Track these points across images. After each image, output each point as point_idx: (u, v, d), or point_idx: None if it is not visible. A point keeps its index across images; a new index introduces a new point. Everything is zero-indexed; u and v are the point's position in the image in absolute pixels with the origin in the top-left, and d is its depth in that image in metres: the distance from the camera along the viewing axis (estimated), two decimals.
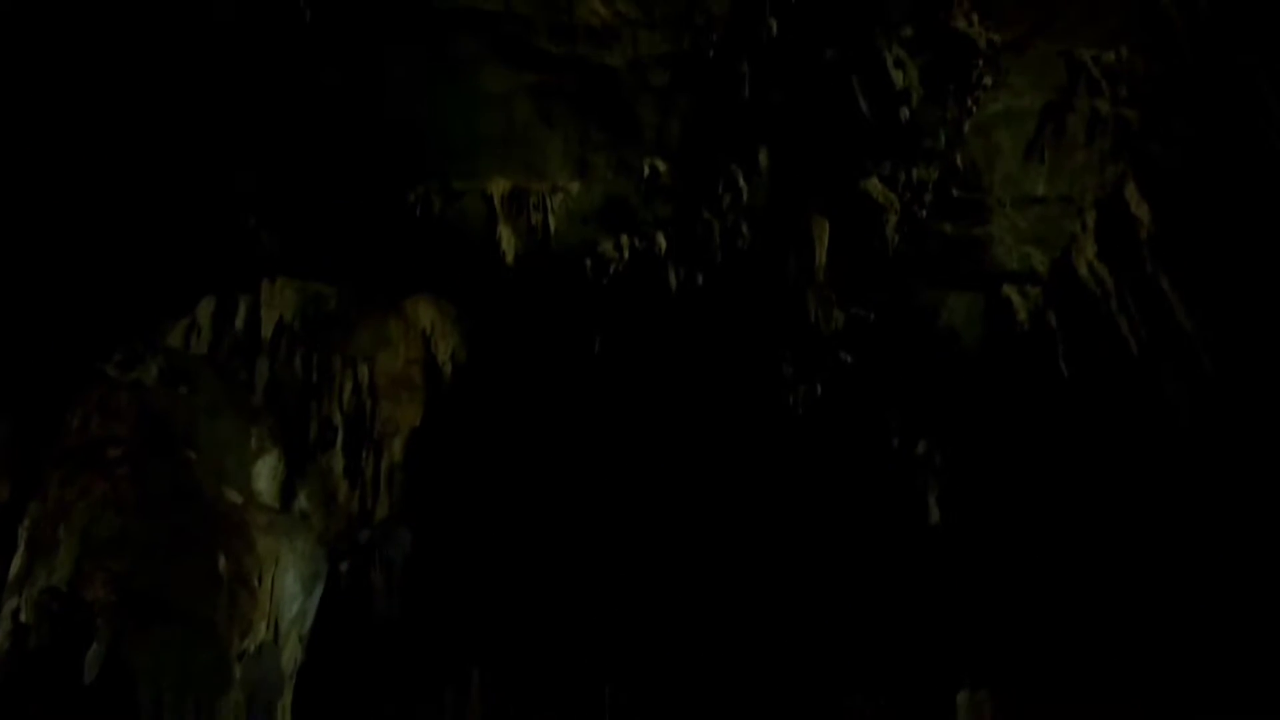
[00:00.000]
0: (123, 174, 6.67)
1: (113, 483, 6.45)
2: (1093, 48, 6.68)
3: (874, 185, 7.05)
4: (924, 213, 7.07)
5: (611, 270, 7.53)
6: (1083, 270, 7.00)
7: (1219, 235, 6.75)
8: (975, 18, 6.57)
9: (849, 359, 7.48)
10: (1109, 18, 6.57)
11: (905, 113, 6.72)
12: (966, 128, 6.80)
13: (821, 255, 7.21)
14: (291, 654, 7.04)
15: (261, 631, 6.80)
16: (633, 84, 6.84)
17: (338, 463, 7.18)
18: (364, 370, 7.30)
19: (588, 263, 7.55)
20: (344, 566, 7.40)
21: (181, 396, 6.80)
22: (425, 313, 7.63)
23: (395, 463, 7.28)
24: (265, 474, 6.97)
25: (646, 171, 7.18)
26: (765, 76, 6.82)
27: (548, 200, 7.18)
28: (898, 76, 6.63)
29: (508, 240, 7.33)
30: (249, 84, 6.47)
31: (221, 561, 6.61)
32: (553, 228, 7.32)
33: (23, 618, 6.14)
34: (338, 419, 7.22)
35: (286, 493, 7.05)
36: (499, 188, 7.18)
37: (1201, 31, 6.56)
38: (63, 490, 6.34)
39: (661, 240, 7.44)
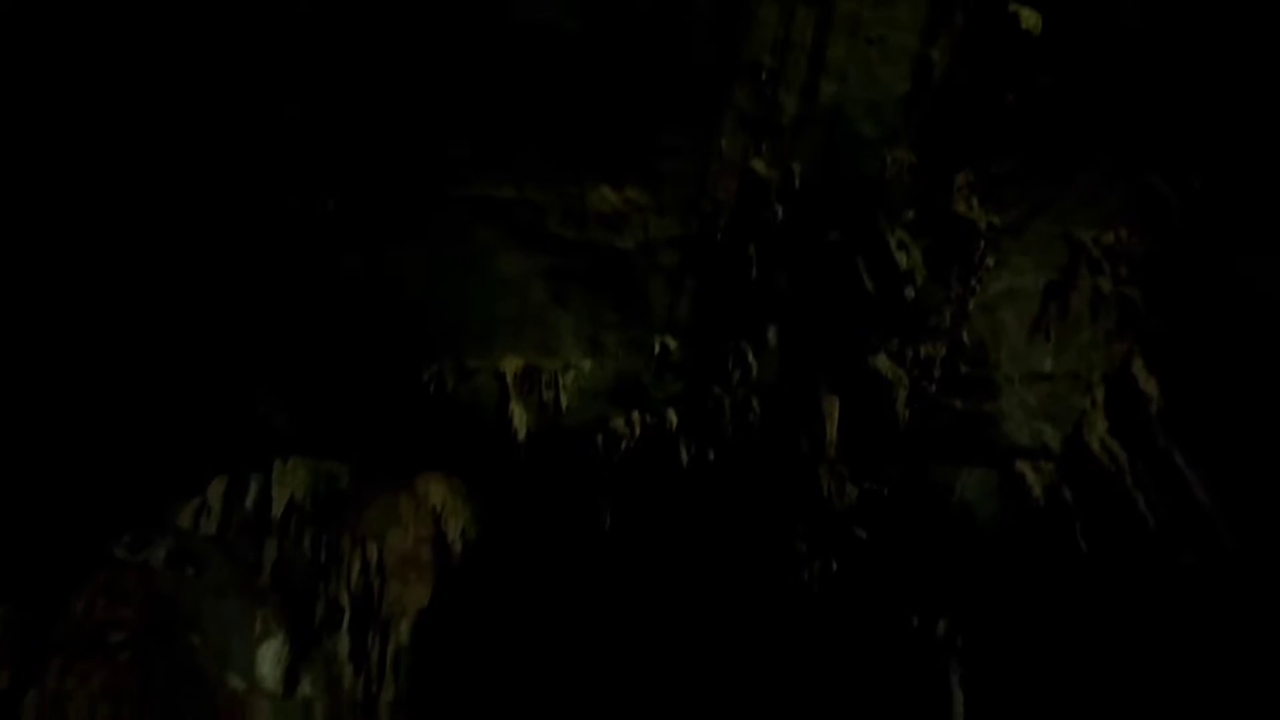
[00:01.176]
0: (141, 356, 6.82)
1: (113, 669, 6.31)
2: (1092, 229, 6.87)
3: (882, 361, 7.14)
4: (933, 388, 7.12)
5: (623, 446, 7.58)
6: (1095, 446, 6.98)
7: (1230, 408, 6.76)
8: (975, 201, 6.80)
9: (863, 535, 7.40)
10: (1106, 200, 6.78)
11: (910, 292, 6.87)
12: (971, 306, 6.94)
13: (832, 431, 7.24)
14: None
15: None
16: (643, 265, 7.07)
17: (343, 646, 7.03)
18: (373, 549, 7.23)
19: (599, 439, 7.61)
20: None
21: (189, 579, 6.73)
22: (436, 489, 7.62)
23: (402, 645, 7.13)
24: (269, 658, 6.81)
25: (657, 349, 7.32)
26: (772, 257, 7.03)
27: (560, 378, 7.30)
28: (901, 258, 6.82)
29: (519, 417, 7.42)
30: (273, 269, 6.69)
31: None
32: (564, 404, 7.41)
33: None
34: (345, 600, 7.11)
35: (290, 678, 6.88)
36: (512, 366, 7.32)
37: (1197, 210, 6.74)
38: (62, 679, 6.19)
39: (673, 416, 7.52)
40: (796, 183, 6.65)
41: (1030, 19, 6.10)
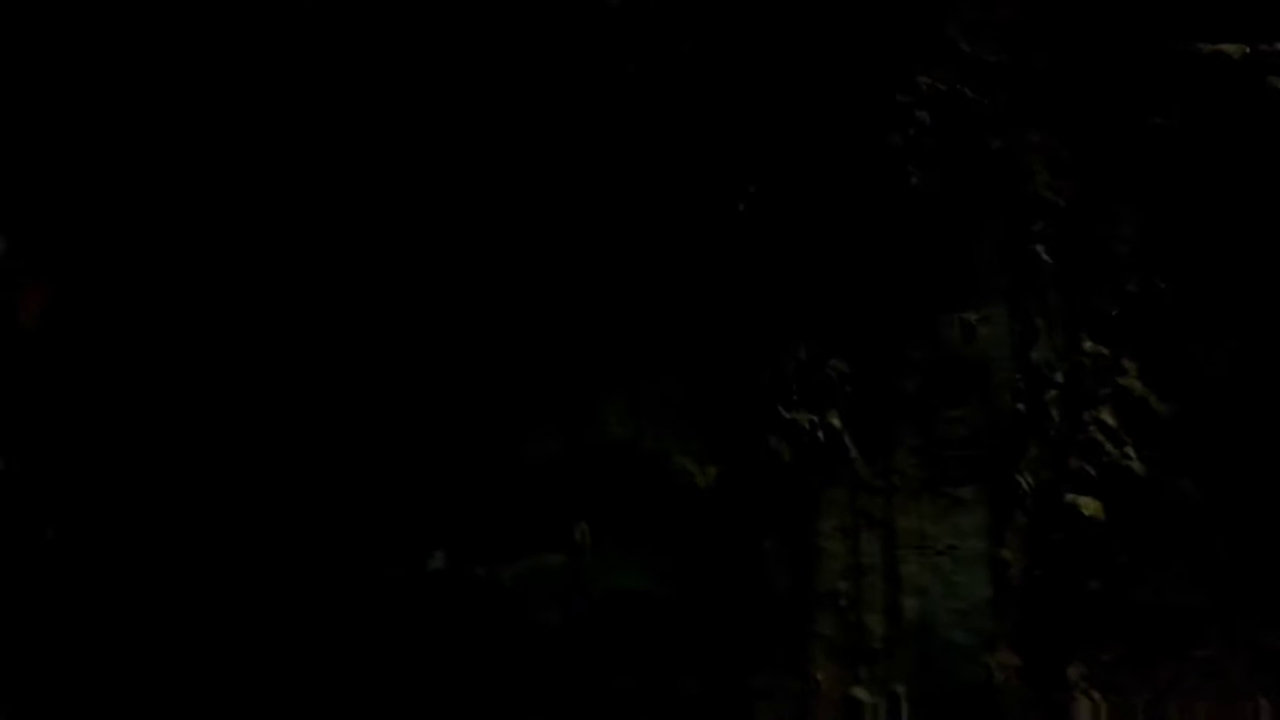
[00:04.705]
0: None
1: None
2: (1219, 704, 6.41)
3: None
4: None
5: None
6: None
7: None
8: (1096, 695, 6.44)
9: None
10: (1228, 672, 6.41)
11: None
12: None
13: None
14: None
15: None
16: None
17: None
18: None
19: None
20: None
21: None
22: None
23: None
24: None
25: None
26: None
27: None
28: None
29: None
30: None
31: None
32: None
33: None
34: None
35: None
36: None
37: None
38: None
39: None
40: (903, 706, 6.36)
41: (1090, 506, 6.28)
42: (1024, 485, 6.40)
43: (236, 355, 6.72)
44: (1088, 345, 6.46)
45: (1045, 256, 6.61)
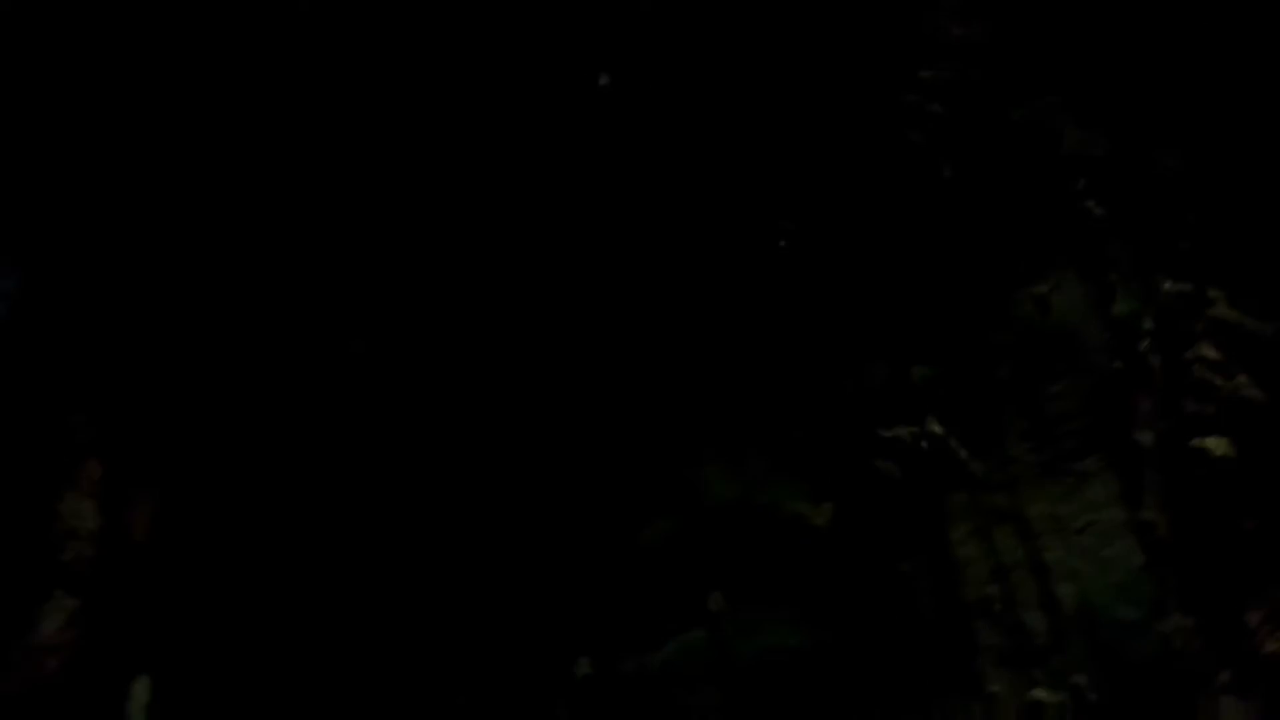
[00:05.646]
0: None
1: None
2: None
3: None
4: None
5: None
6: None
7: None
8: None
9: None
10: None
11: None
12: None
13: None
14: None
15: None
16: None
17: None
18: None
19: None
20: None
21: None
22: None
23: None
24: None
25: None
26: None
27: None
28: None
29: None
30: None
31: None
32: None
33: None
34: None
35: None
36: None
37: None
38: None
39: None
40: (1087, 696, 6.09)
41: (1218, 445, 6.05)
42: (1144, 442, 6.19)
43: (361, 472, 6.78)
44: (1168, 285, 6.29)
45: (1096, 210, 6.50)
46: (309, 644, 7.00)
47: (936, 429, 6.27)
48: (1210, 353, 6.19)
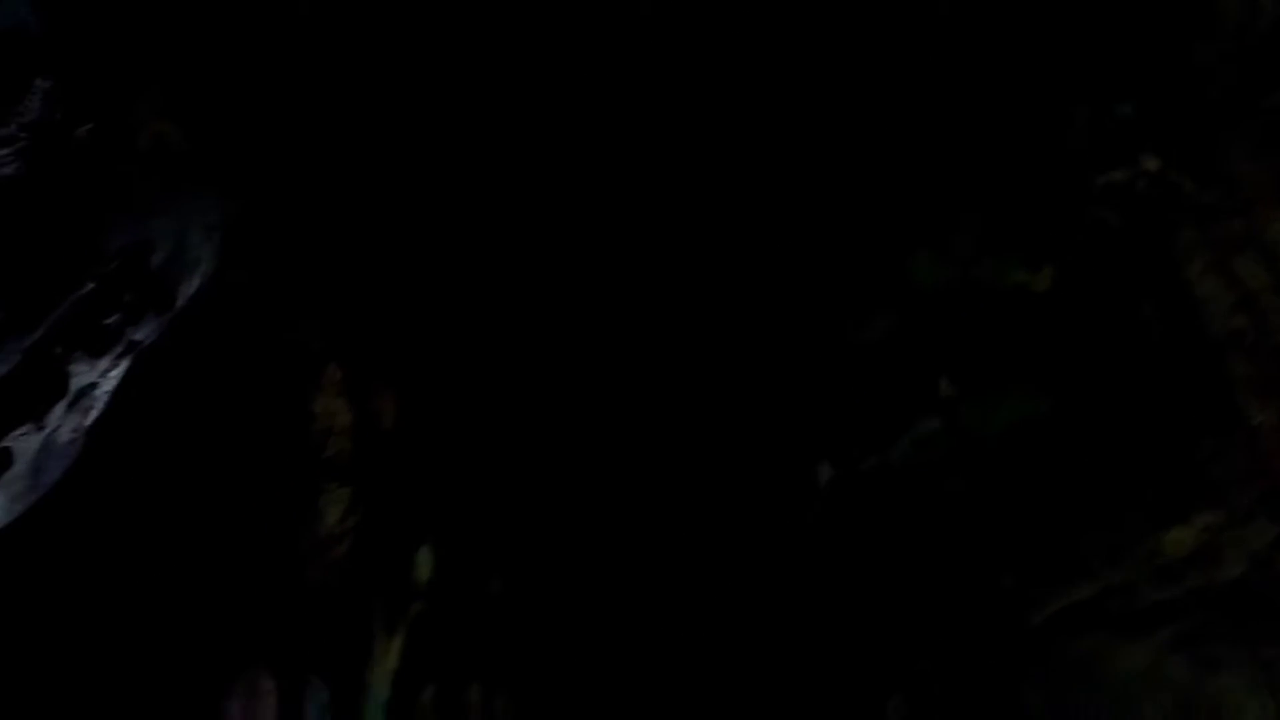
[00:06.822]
0: None
1: None
2: None
3: None
4: None
5: None
6: None
7: None
8: None
9: None
10: None
11: None
12: None
13: None
14: None
15: None
16: None
17: None
18: None
19: None
20: None
21: None
22: None
23: None
24: None
25: None
26: None
27: None
28: None
29: None
30: None
31: None
32: None
33: None
34: None
35: None
36: None
37: None
38: None
39: None
40: None
41: None
42: None
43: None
44: None
45: None
46: (553, 501, 7.39)
47: (1152, 165, 5.89)
48: None
